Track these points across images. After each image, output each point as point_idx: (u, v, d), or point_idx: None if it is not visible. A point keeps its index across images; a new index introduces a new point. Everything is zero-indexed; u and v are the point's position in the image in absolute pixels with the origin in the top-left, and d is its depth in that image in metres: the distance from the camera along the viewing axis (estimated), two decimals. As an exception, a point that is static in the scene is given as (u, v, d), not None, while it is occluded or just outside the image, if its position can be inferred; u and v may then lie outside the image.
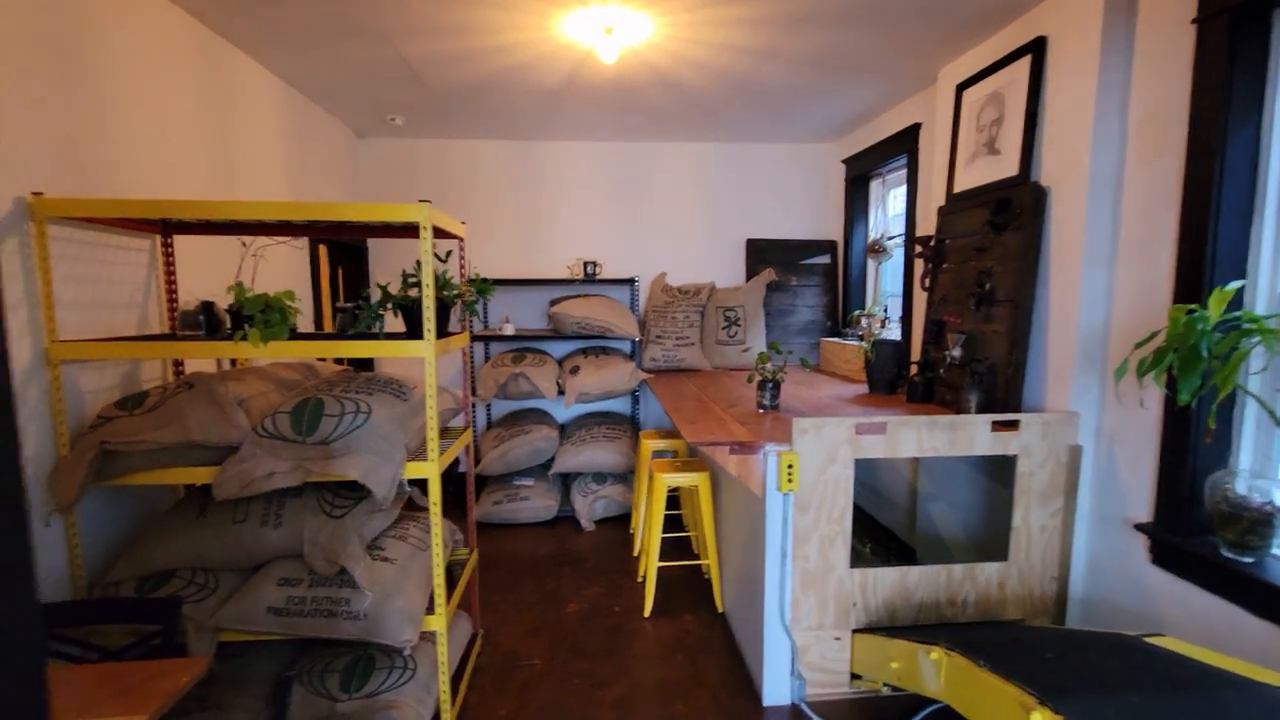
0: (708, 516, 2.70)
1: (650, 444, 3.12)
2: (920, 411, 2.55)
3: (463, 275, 2.18)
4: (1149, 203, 1.90)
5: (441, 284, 1.90)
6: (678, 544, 3.35)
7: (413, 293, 1.83)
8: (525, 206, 4.16)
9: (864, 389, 3.10)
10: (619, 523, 3.70)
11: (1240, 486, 1.64)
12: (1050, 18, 2.18)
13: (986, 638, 1.75)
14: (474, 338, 3.84)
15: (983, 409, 2.28)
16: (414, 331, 1.82)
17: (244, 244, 2.03)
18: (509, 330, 3.81)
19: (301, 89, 3.11)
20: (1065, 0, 2.10)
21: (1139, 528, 1.91)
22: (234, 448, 1.72)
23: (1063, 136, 2.11)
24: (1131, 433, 1.97)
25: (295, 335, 1.79)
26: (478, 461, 3.80)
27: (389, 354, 1.74)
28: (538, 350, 4.00)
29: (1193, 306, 1.55)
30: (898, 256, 3.68)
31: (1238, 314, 1.58)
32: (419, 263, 1.72)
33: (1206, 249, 1.71)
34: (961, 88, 2.66)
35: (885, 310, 3.64)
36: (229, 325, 1.88)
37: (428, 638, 1.93)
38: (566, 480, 3.93)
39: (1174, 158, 1.82)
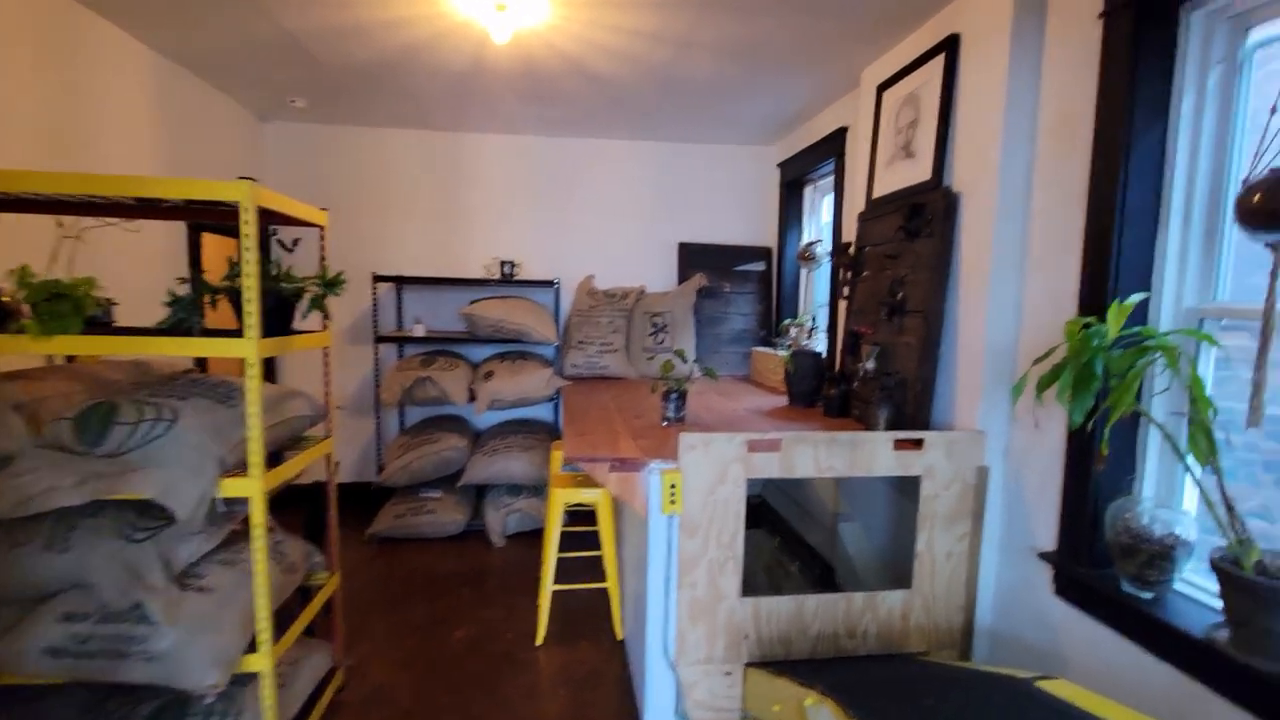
0: (607, 536, 2.51)
1: (561, 455, 2.91)
2: (836, 426, 2.40)
3: (322, 267, 1.95)
4: (1058, 208, 1.79)
5: (281, 276, 1.67)
6: (591, 564, 3.15)
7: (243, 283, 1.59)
8: (442, 201, 3.92)
9: (784, 401, 2.95)
10: (533, 538, 3.48)
11: (1141, 516, 1.51)
12: (963, 15, 2.07)
13: (874, 677, 1.59)
14: (382, 339, 3.59)
15: (893, 425, 2.14)
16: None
17: (59, 224, 1.77)
18: (419, 332, 3.56)
19: (181, 62, 2.84)
20: (979, -5, 1.99)
21: (1043, 557, 1.78)
22: (8, 459, 1.46)
23: (974, 139, 2.00)
24: (1037, 455, 1.84)
25: (97, 330, 1.54)
26: (380, 471, 3.54)
27: (202, 353, 1.51)
28: (452, 354, 3.77)
29: (1090, 320, 1.42)
30: (827, 265, 3.56)
31: (1138, 329, 1.46)
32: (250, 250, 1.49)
33: (1110, 258, 1.59)
34: (881, 89, 2.54)
35: (814, 320, 3.51)
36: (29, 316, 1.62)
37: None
38: (481, 493, 3.69)
39: (1082, 159, 1.70)
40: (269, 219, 1.94)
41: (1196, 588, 1.49)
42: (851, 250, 2.62)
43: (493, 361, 3.63)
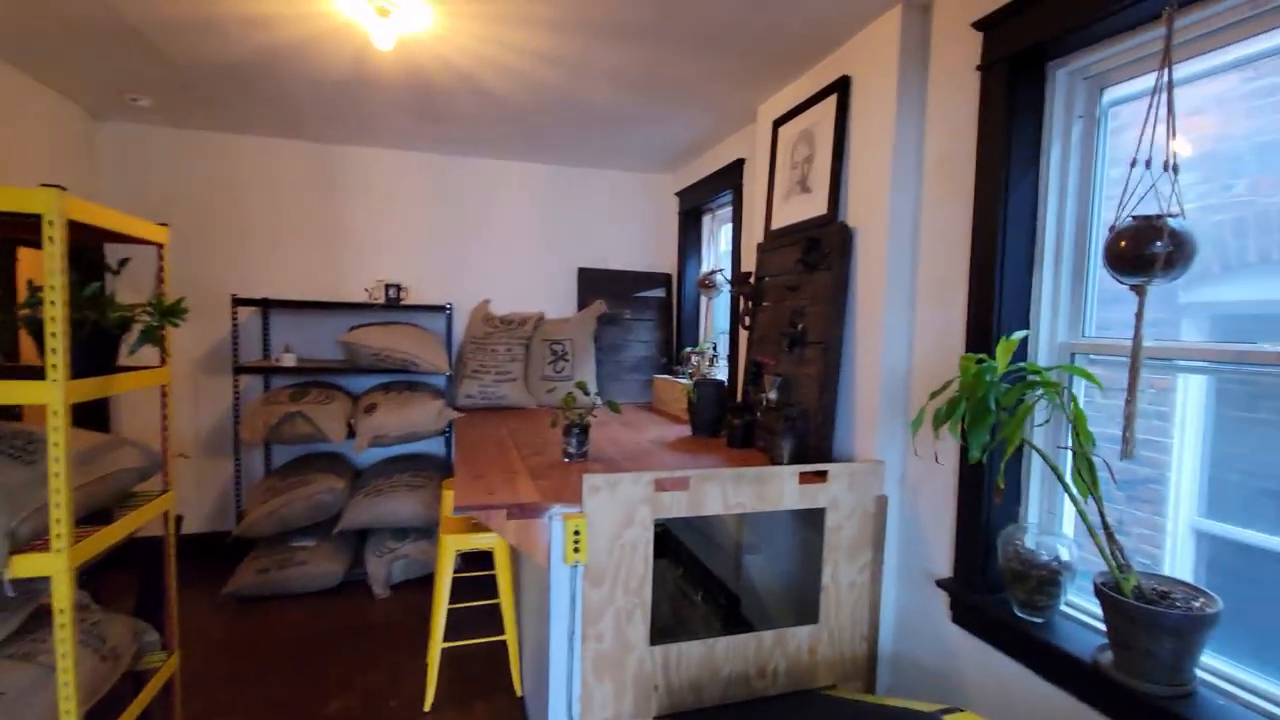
0: (505, 583, 2.32)
1: (450, 495, 2.68)
2: (739, 457, 2.38)
3: (161, 292, 1.66)
4: (945, 246, 1.87)
5: (102, 303, 1.39)
6: (488, 613, 2.91)
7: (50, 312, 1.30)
8: (320, 219, 3.59)
9: (688, 431, 2.91)
10: (423, 585, 3.19)
11: (1029, 542, 1.57)
12: (853, 58, 2.15)
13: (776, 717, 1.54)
14: (244, 370, 3.19)
15: (796, 456, 2.14)
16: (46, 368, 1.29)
17: None
18: (289, 361, 3.20)
19: (-12, 45, 2.40)
20: (866, 41, 2.08)
21: (940, 584, 1.82)
22: None
23: (865, 177, 2.06)
24: (932, 483, 1.90)
25: None
26: (240, 519, 3.12)
27: (-13, 399, 1.20)
28: (329, 385, 3.42)
29: (982, 356, 1.47)
30: (728, 293, 3.60)
31: (1022, 364, 1.52)
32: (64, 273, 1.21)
33: (994, 296, 1.67)
34: (778, 124, 2.60)
35: (715, 348, 3.52)
36: None
37: (56, 803, 1.35)
38: (363, 538, 3.35)
39: (965, 202, 1.79)
40: (94, 235, 1.63)
41: (1082, 610, 1.57)
42: (752, 280, 2.65)
43: (376, 393, 3.32)
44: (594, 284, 4.06)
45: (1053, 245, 1.66)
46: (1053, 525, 1.66)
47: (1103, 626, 1.49)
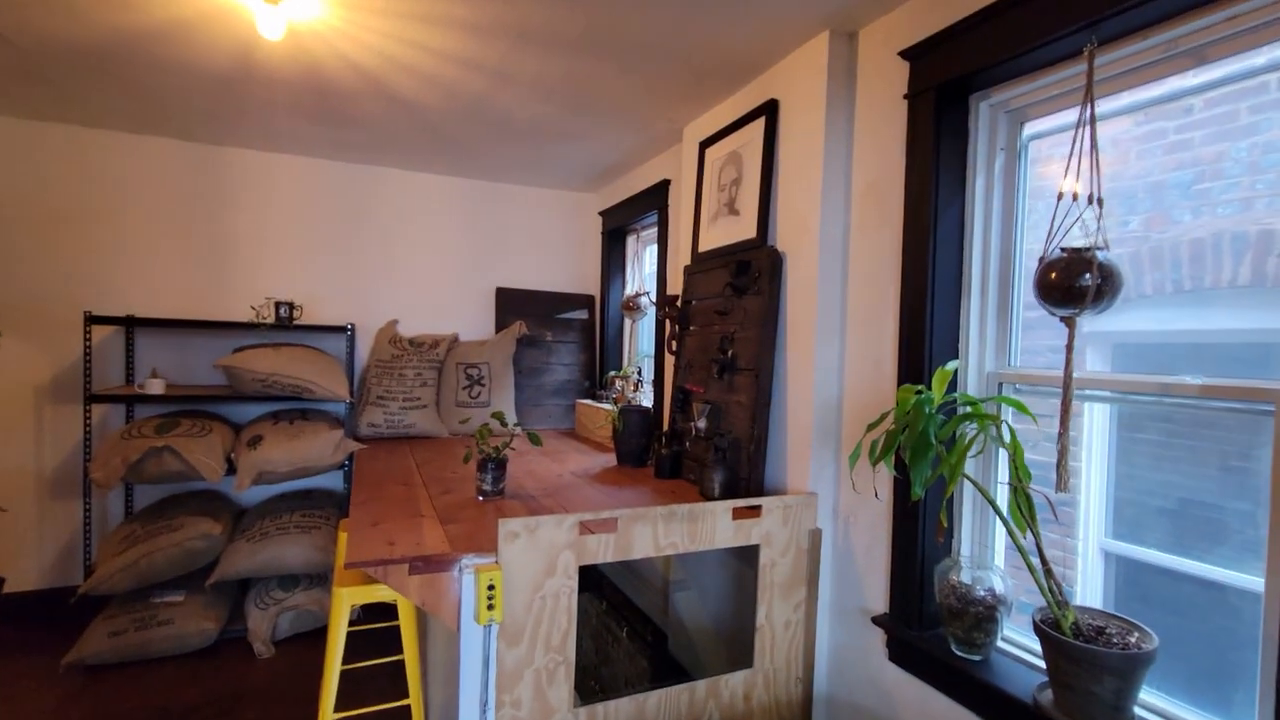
0: (410, 640, 2.07)
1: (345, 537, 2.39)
2: (668, 489, 2.26)
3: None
4: (873, 273, 1.85)
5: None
6: (393, 673, 2.61)
7: None
8: (197, 228, 3.21)
9: (612, 460, 2.77)
10: (316, 640, 2.84)
11: (965, 577, 1.53)
12: (780, 82, 2.12)
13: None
14: (100, 398, 2.75)
15: (727, 488, 2.05)
16: None
17: None
18: (156, 388, 2.80)
19: None
20: (793, 66, 2.05)
21: (876, 621, 1.76)
22: None
23: (794, 202, 2.02)
24: (866, 516, 1.85)
25: None
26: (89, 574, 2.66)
27: None
28: (206, 414, 3.02)
29: (920, 387, 1.42)
30: (652, 315, 3.51)
31: (954, 395, 1.49)
32: None
33: (925, 325, 1.65)
34: (704, 145, 2.55)
35: (640, 372, 3.42)
36: None
37: None
38: (245, 587, 2.96)
39: (893, 229, 1.77)
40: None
41: (1018, 645, 1.54)
42: (679, 303, 2.56)
43: (263, 423, 2.97)
44: (513, 304, 3.86)
45: (979, 274, 1.66)
46: (984, 558, 1.64)
47: (1039, 663, 1.47)
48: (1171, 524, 1.49)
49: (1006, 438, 1.34)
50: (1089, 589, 1.55)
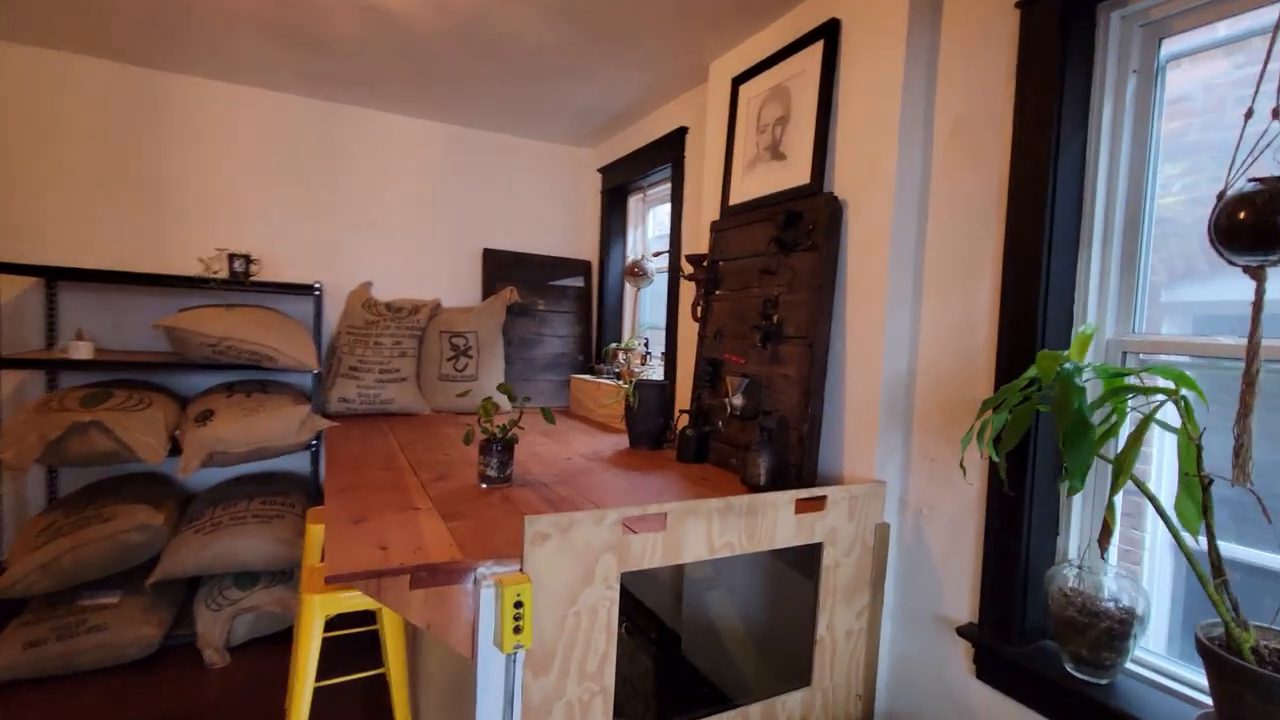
0: (396, 654, 1.74)
1: (317, 530, 2.03)
2: (697, 475, 1.96)
3: None
4: (963, 223, 1.56)
5: None
6: (371, 690, 2.27)
7: None
8: (136, 167, 2.74)
9: (622, 441, 2.46)
10: (279, 645, 2.48)
11: (1093, 586, 1.28)
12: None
13: None
14: (10, 363, 2.30)
15: (774, 476, 1.76)
16: None
17: None
18: (83, 352, 2.36)
19: None
20: (862, -22, 1.74)
21: (962, 632, 1.50)
22: None
23: (861, 139, 1.72)
24: (947, 508, 1.58)
25: None
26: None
27: None
28: (144, 385, 2.60)
29: (1062, 354, 1.14)
30: (660, 282, 3.18)
31: (1092, 365, 1.22)
32: None
33: (1040, 281, 1.37)
34: (738, 81, 2.22)
35: (646, 344, 3.10)
36: None
37: None
38: (194, 585, 2.57)
39: (993, 170, 1.48)
40: None
41: (1149, 668, 1.29)
42: (705, 263, 2.24)
43: (214, 396, 2.56)
44: (502, 268, 3.48)
45: (1101, 223, 1.39)
46: (1094, 559, 1.38)
47: (1182, 689, 1.23)
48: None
49: (1175, 420, 1.07)
50: (1157, 586, 1.34)
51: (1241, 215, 1.05)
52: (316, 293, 2.81)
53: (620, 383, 2.87)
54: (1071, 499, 1.41)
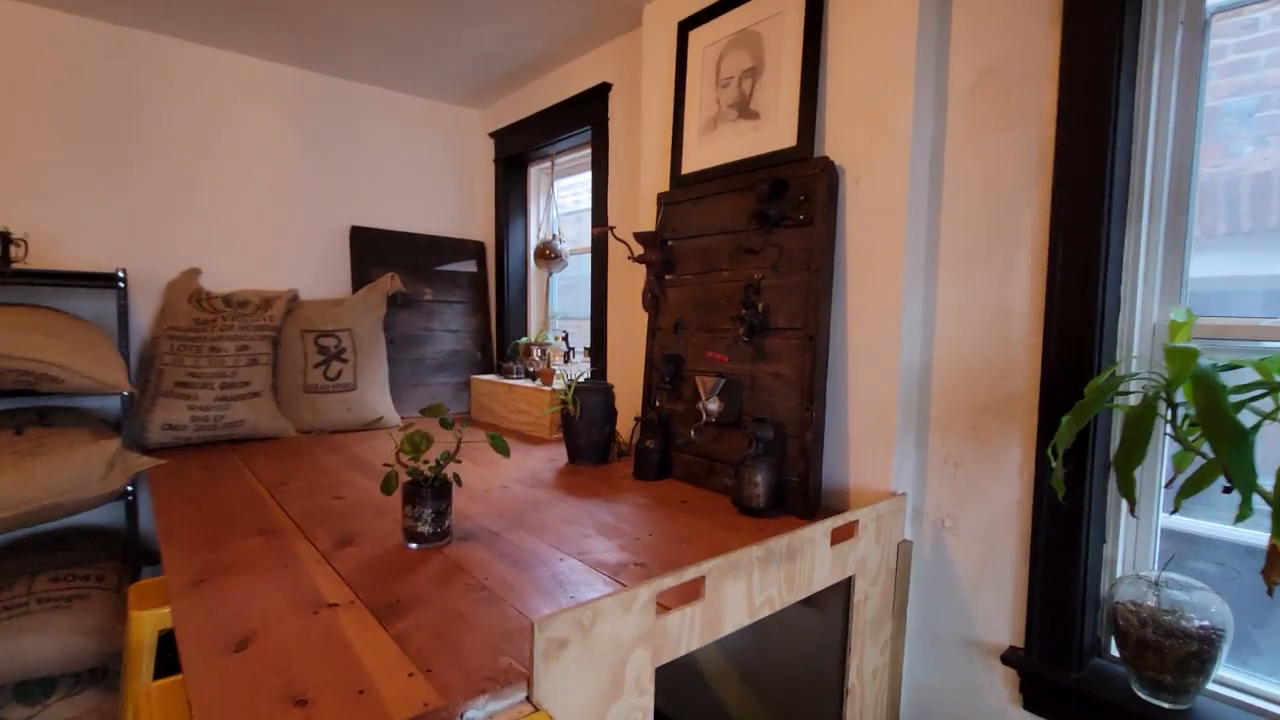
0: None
1: (147, 617, 1.41)
2: (672, 497, 1.63)
3: None
4: (991, 192, 1.36)
5: None
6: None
7: None
8: None
9: (556, 456, 2.06)
10: (92, 771, 1.78)
11: (1169, 602, 1.13)
12: (830, -73, 1.53)
13: None
14: None
15: (775, 496, 1.47)
16: None
17: None
18: None
19: None
20: (854, -98, 1.47)
21: (1006, 659, 1.32)
22: None
23: (865, 94, 1.46)
24: (976, 517, 1.39)
25: None
26: None
27: None
28: None
29: (1192, 347, 0.95)
30: (577, 266, 2.78)
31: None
32: None
33: (1100, 256, 1.20)
34: (687, 26, 1.88)
35: (567, 339, 2.69)
36: None
37: None
38: (-56, 707, 1.78)
39: (1032, 130, 1.29)
40: None
41: (1228, 685, 1.18)
42: (661, 243, 1.89)
43: (-37, 438, 1.76)
44: (376, 252, 2.87)
45: (1148, 194, 1.24)
46: (1144, 565, 1.26)
47: (1266, 706, 1.12)
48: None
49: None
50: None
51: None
52: (120, 283, 2.07)
53: (539, 384, 2.45)
54: (1119, 505, 1.27)
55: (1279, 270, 1.26)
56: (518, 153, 2.91)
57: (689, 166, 1.86)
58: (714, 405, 1.66)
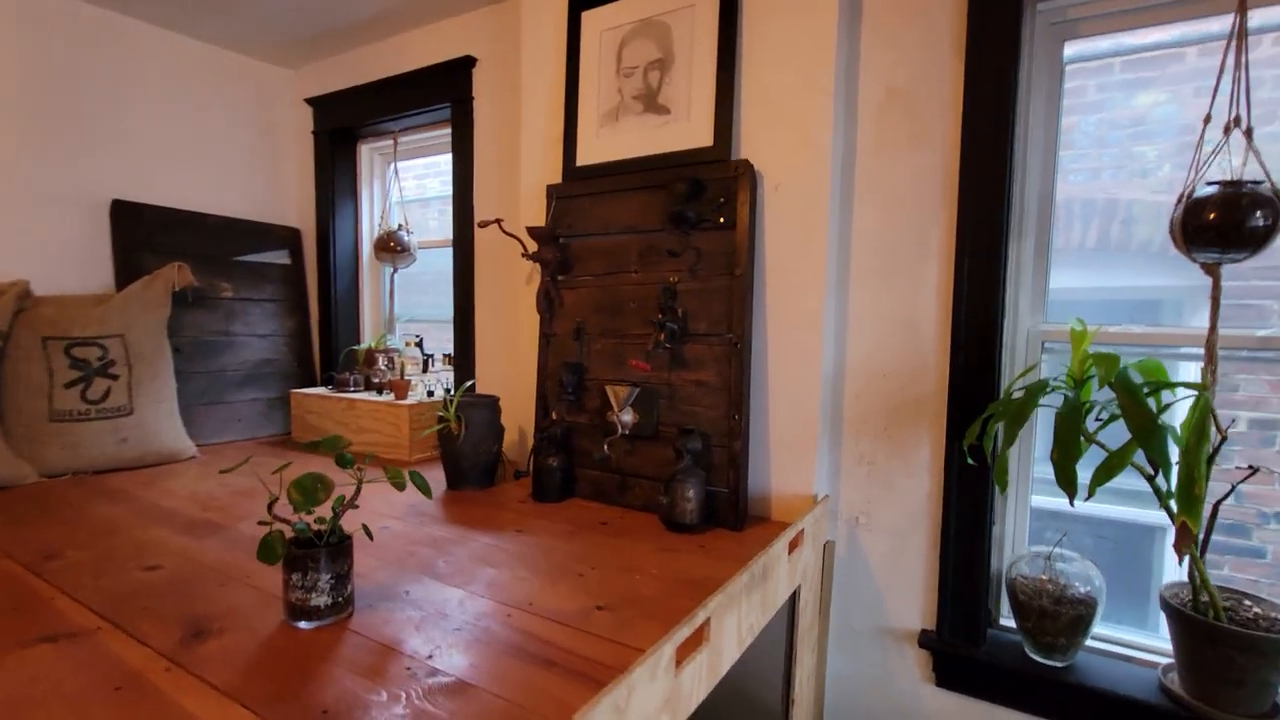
0: None
1: None
2: (586, 519, 1.48)
3: None
4: (901, 207, 1.44)
5: None
6: None
7: None
8: None
9: (432, 483, 1.77)
10: None
11: (1059, 574, 1.29)
12: (743, -74, 1.50)
13: None
14: None
15: (705, 510, 1.41)
16: None
17: None
18: None
19: None
20: (768, -94, 1.46)
21: (925, 642, 1.41)
22: None
23: (784, 101, 1.46)
24: (888, 512, 1.47)
25: None
26: None
27: None
28: None
29: (1109, 353, 1.08)
30: (428, 262, 2.45)
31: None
32: None
33: (999, 272, 1.33)
34: (580, 7, 1.73)
35: (420, 344, 2.35)
36: None
37: None
38: None
39: (938, 150, 1.39)
40: None
41: (1095, 639, 1.38)
42: (558, 240, 1.71)
43: None
44: (150, 234, 2.23)
45: (1031, 211, 1.41)
46: (1021, 540, 1.44)
47: (1127, 652, 1.33)
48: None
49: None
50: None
51: (1210, 216, 1.12)
52: None
53: (392, 399, 2.10)
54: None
55: (1112, 283, 1.53)
56: (347, 126, 2.48)
57: (586, 158, 1.71)
58: (628, 417, 1.55)
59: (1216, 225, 1.12)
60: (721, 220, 1.48)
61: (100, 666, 0.83)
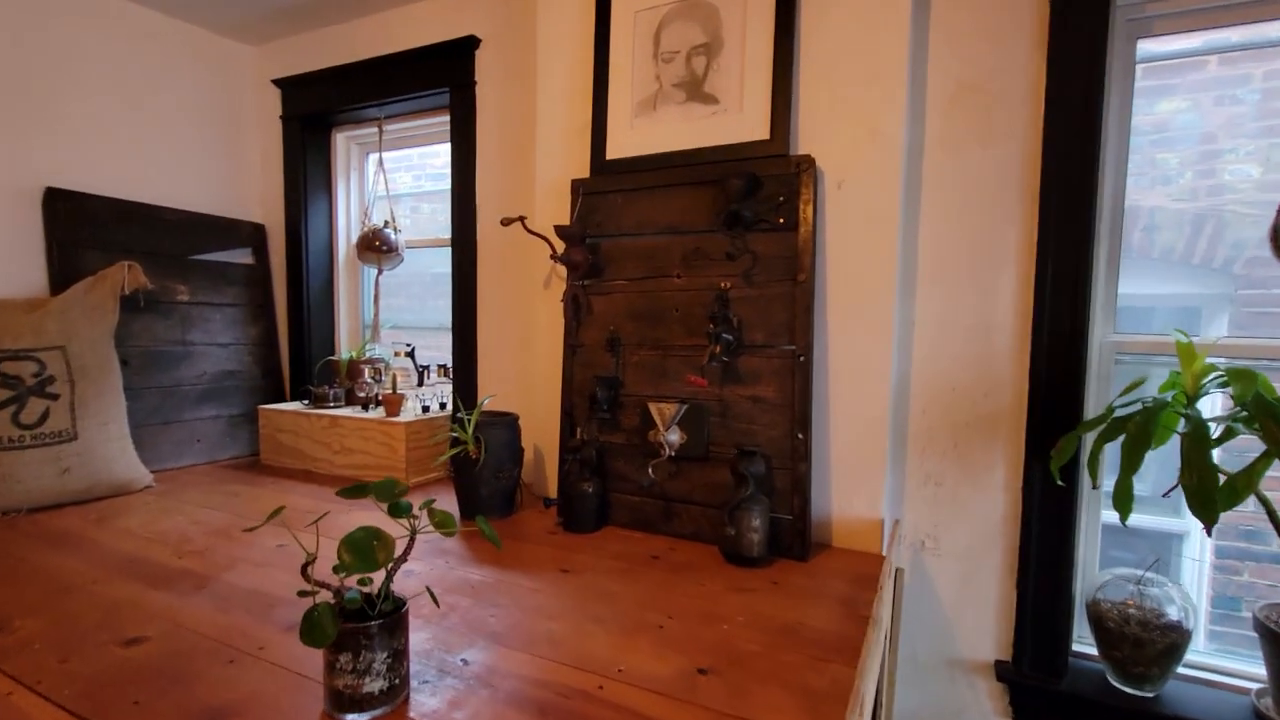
0: None
1: None
2: (640, 556, 1.32)
3: None
4: (973, 208, 1.35)
5: None
6: None
7: None
8: None
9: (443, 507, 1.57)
10: None
11: (1150, 600, 1.22)
12: (799, -99, 1.38)
13: None
14: None
15: (772, 541, 1.28)
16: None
17: None
18: None
19: None
20: (828, -120, 1.34)
21: (999, 674, 1.32)
22: None
23: (850, 94, 1.34)
24: (958, 535, 1.37)
25: None
26: None
27: None
28: None
29: (1254, 373, 1.00)
30: (416, 263, 2.23)
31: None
32: None
33: (1088, 277, 1.25)
34: (610, -16, 1.57)
35: (412, 354, 2.12)
36: None
37: None
38: None
39: (1014, 147, 1.31)
40: None
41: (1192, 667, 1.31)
42: (582, 240, 1.54)
43: None
44: (91, 228, 1.93)
45: (1105, 215, 1.34)
46: (1095, 562, 1.37)
47: (1220, 679, 1.28)
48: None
49: None
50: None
51: (1317, 222, 1.07)
52: None
53: (383, 415, 1.88)
54: (1085, 504, 1.36)
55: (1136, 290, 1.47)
56: (320, 111, 2.23)
57: (618, 151, 1.55)
58: (675, 437, 1.40)
59: (1323, 232, 1.07)
60: (781, 220, 1.35)
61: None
